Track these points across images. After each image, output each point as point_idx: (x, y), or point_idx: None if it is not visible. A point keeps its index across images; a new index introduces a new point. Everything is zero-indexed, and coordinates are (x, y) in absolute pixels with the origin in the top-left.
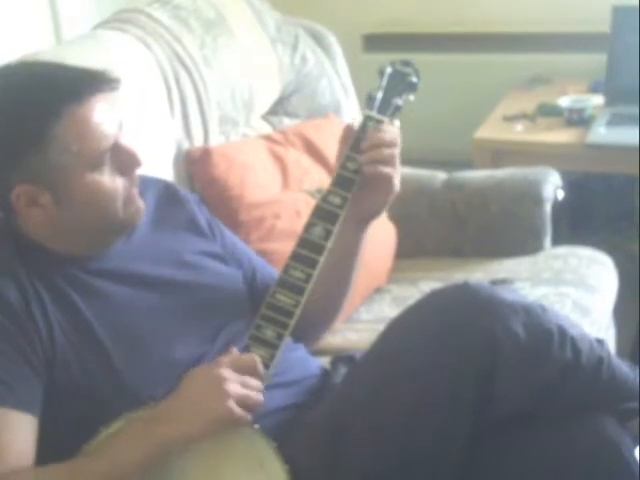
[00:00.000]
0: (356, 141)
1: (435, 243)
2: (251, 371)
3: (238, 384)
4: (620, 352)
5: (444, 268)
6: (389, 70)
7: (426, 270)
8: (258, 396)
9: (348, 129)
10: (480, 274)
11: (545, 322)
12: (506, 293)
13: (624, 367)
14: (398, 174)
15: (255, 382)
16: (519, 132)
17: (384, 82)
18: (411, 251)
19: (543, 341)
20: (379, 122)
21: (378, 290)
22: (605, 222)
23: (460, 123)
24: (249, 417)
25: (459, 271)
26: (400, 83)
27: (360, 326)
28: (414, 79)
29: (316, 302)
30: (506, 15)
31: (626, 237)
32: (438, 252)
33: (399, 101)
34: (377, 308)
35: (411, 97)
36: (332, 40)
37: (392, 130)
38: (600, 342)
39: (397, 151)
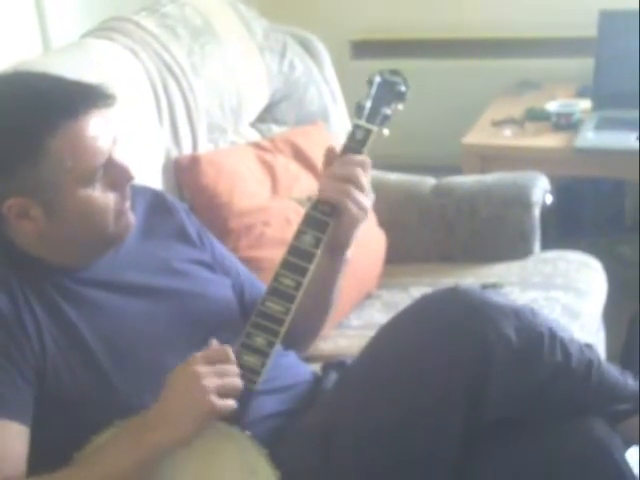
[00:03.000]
0: (345, 149)
1: (424, 248)
2: (224, 359)
3: (214, 376)
4: (609, 355)
5: (434, 273)
6: (378, 79)
7: (416, 275)
8: (236, 381)
9: (330, 152)
10: (470, 279)
11: (536, 325)
12: (496, 297)
13: (613, 370)
14: (359, 205)
15: (230, 368)
16: (507, 137)
17: (373, 91)
18: (401, 257)
19: (534, 344)
20: (368, 131)
21: (368, 296)
22: (594, 226)
23: (449, 129)
24: (233, 404)
25: (449, 276)
26: (389, 92)
27: (351, 332)
28: (403, 88)
29: (299, 316)
30: (494, 21)
31: (615, 241)
32: (428, 257)
33: (388, 110)
34: (367, 314)
35: (400, 106)
36: (320, 47)
37: (355, 161)
38: (589, 346)
39: (353, 187)
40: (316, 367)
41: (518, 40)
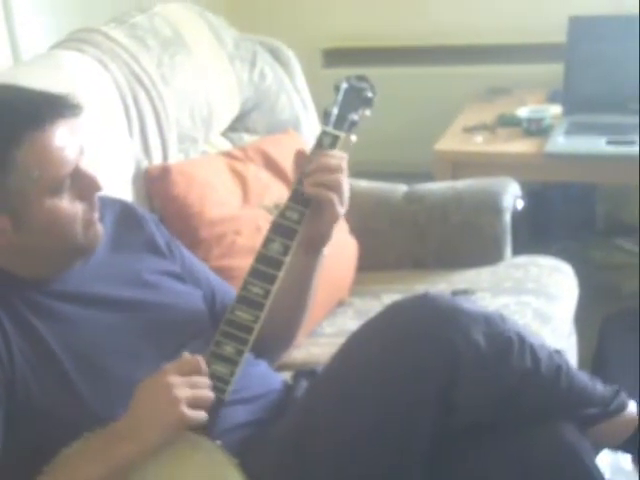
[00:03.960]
0: (313, 156)
1: (396, 255)
2: (196, 370)
3: (186, 386)
4: (582, 359)
5: (406, 280)
6: (345, 85)
7: (388, 282)
8: (208, 393)
9: (299, 154)
10: (442, 285)
11: (505, 331)
12: (466, 303)
13: (582, 376)
14: (342, 200)
15: (202, 380)
16: (479, 143)
17: (340, 97)
18: (373, 264)
19: (503, 350)
20: (335, 137)
21: (341, 304)
22: (565, 230)
23: (421, 135)
24: (204, 415)
25: (421, 283)
26: (356, 98)
27: (323, 340)
28: (369, 94)
29: (272, 324)
30: (464, 27)
31: (586, 245)
32: (400, 264)
33: (355, 116)
34: (340, 322)
35: (367, 112)
36: (290, 56)
37: (338, 156)
38: (558, 352)
39: (342, 177)
40: (288, 376)
41: (489, 46)
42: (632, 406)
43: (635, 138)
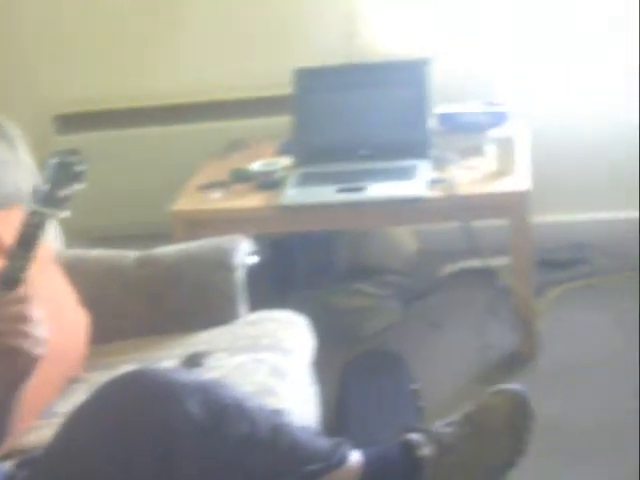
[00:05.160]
0: (21, 236)
1: (131, 323)
2: None
3: None
4: (326, 407)
5: (142, 348)
6: (53, 161)
7: (124, 353)
8: None
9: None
10: (179, 350)
11: (222, 399)
12: (182, 375)
13: (304, 432)
14: (32, 342)
15: None
16: (215, 201)
17: (49, 174)
18: (107, 335)
19: (219, 417)
20: (43, 215)
21: (73, 380)
22: (307, 279)
23: (159, 196)
24: None
25: (157, 349)
26: (66, 173)
27: (56, 421)
28: (80, 168)
29: None
30: (197, 85)
31: (327, 292)
32: (136, 332)
33: (66, 192)
34: (74, 400)
35: (79, 186)
36: (15, 131)
37: (17, 300)
38: (278, 412)
39: (24, 326)
40: (12, 464)
41: (222, 102)
42: (355, 456)
43: (364, 184)
